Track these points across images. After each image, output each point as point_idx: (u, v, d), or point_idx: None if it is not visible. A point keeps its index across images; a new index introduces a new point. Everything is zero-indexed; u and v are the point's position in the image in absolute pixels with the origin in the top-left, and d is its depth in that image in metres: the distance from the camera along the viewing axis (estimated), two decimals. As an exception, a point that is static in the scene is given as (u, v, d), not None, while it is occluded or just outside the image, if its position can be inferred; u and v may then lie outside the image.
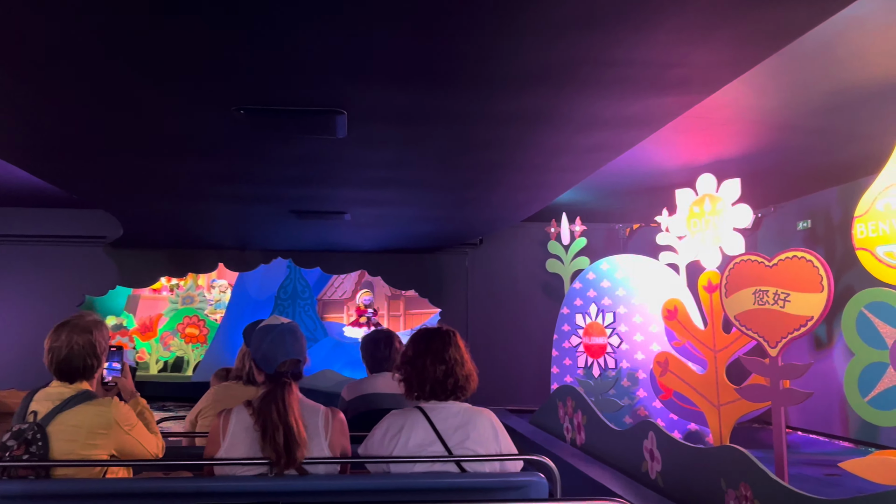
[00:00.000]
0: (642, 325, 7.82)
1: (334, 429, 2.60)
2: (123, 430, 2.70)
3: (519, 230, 10.22)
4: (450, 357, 2.72)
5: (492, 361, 10.01)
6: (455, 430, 2.58)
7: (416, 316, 14.76)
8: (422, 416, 2.59)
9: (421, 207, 6.65)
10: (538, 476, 2.60)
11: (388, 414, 2.71)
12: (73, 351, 2.71)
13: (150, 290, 19.72)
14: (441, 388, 2.65)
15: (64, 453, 2.59)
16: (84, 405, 2.66)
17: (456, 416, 2.62)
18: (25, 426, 2.59)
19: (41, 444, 2.56)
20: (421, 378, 2.66)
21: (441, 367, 2.66)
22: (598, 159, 4.72)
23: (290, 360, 2.56)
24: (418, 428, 2.59)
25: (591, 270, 8.47)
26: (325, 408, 2.65)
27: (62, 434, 2.60)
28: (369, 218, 7.17)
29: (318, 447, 2.53)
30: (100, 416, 2.66)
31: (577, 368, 8.37)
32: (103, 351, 2.82)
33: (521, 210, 6.95)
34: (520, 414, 9.55)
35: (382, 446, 2.61)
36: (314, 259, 10.11)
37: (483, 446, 2.59)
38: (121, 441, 2.70)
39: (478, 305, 10.18)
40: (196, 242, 9.63)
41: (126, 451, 2.73)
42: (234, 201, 6.27)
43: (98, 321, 2.87)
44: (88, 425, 2.63)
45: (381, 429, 2.66)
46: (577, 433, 6.83)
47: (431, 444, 2.56)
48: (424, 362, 2.67)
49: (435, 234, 8.53)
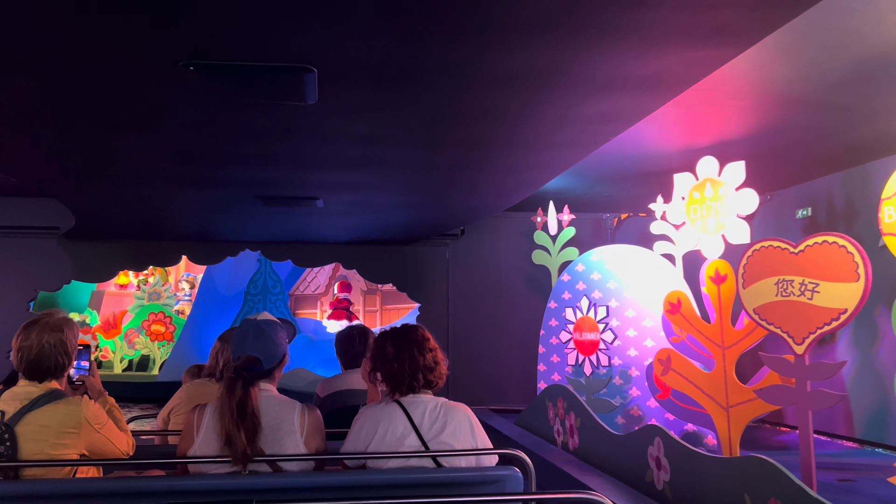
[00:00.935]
0: (635, 320, 7.34)
1: (310, 426, 2.60)
2: (94, 428, 2.67)
3: (502, 220, 9.70)
4: (431, 348, 2.79)
5: (474, 359, 9.52)
6: (432, 424, 2.61)
7: (393, 311, 14.19)
8: (399, 409, 2.63)
9: (400, 192, 6.09)
10: (513, 470, 2.60)
11: (365, 407, 2.74)
12: (44, 350, 2.66)
13: (115, 286, 19.04)
14: (418, 381, 2.69)
15: (33, 453, 2.56)
16: (53, 404, 2.62)
17: (433, 410, 2.65)
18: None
19: (9, 445, 2.51)
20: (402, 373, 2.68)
21: (422, 360, 2.72)
22: (604, 132, 4.18)
23: (245, 357, 2.56)
24: (395, 421, 2.62)
25: (581, 262, 7.97)
26: (301, 404, 2.65)
27: (31, 434, 2.56)
28: (343, 205, 6.59)
29: (294, 444, 2.54)
30: (69, 415, 2.63)
31: (567, 366, 7.87)
32: (73, 349, 2.78)
33: (509, 196, 6.41)
34: (504, 414, 9.04)
35: (360, 440, 2.65)
36: (285, 251, 9.49)
37: (459, 441, 2.62)
38: (91, 440, 2.67)
39: (459, 300, 9.64)
40: (157, 234, 8.97)
41: (97, 451, 2.71)
42: (191, 185, 5.66)
43: (68, 319, 2.82)
44: (58, 425, 2.60)
45: (359, 423, 2.70)
46: (570, 436, 6.32)
47: (408, 436, 2.60)
48: (412, 355, 2.72)
49: (414, 223, 7.96)
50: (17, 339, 2.69)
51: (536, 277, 9.59)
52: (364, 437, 2.64)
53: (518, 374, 9.48)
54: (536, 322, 9.39)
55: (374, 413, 2.68)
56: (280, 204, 6.36)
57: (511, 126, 4.00)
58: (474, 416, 2.75)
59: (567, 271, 8.08)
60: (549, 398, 6.91)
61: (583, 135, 4.18)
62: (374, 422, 2.65)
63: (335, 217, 7.41)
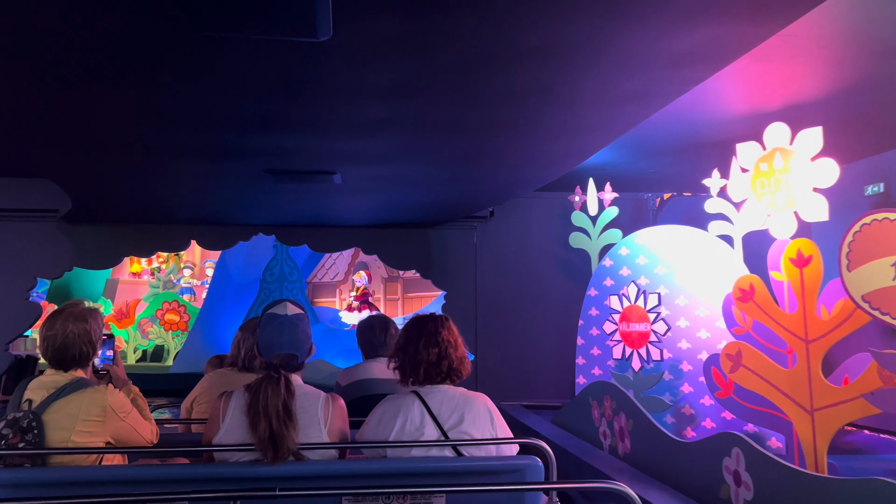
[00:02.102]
0: (687, 309, 6.58)
1: (334, 415, 2.62)
2: (119, 416, 2.71)
3: (534, 201, 8.96)
4: (443, 340, 2.71)
5: (504, 351, 8.82)
6: (451, 414, 2.60)
7: (415, 300, 13.51)
8: (417, 400, 2.62)
9: (426, 165, 5.36)
10: (534, 459, 2.56)
11: (384, 399, 2.73)
12: (69, 339, 2.71)
13: (129, 274, 18.60)
14: (436, 371, 2.66)
15: (59, 441, 2.60)
16: (79, 393, 2.66)
17: (451, 399, 2.64)
18: (20, 414, 2.58)
19: (37, 433, 2.55)
20: (415, 362, 2.69)
21: (434, 350, 2.66)
22: (686, 79, 3.40)
23: (283, 354, 2.58)
24: (414, 411, 2.62)
25: (625, 244, 7.22)
26: (325, 395, 2.67)
27: (58, 422, 2.61)
28: (363, 181, 5.88)
29: (318, 433, 2.56)
30: (95, 403, 2.67)
31: (609, 359, 7.14)
32: (98, 339, 2.81)
33: (551, 168, 5.65)
34: (538, 411, 8.34)
35: (378, 430, 2.64)
36: (301, 235, 8.80)
37: (478, 430, 2.61)
38: (116, 428, 2.71)
39: (488, 287, 8.92)
40: (164, 217, 8.32)
41: (121, 439, 2.74)
42: (188, 156, 4.98)
43: (93, 309, 2.86)
44: (83, 413, 2.64)
45: (377, 413, 2.70)
46: (619, 440, 5.60)
47: (427, 427, 2.58)
48: (418, 346, 2.70)
49: (440, 203, 7.24)
50: (43, 328, 2.73)
51: (572, 262, 8.85)
52: (383, 428, 2.64)
53: (553, 368, 8.77)
54: (573, 311, 8.67)
55: (392, 404, 2.68)
56: (293, 180, 5.66)
57: (569, 72, 3.24)
58: (494, 405, 2.72)
59: (609, 255, 7.34)
60: (594, 396, 6.19)
61: (657, 83, 3.41)
62: (393, 413, 2.65)
63: (354, 196, 6.71)
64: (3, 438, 2.56)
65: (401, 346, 2.78)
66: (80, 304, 2.88)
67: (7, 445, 2.54)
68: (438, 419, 2.61)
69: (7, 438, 2.56)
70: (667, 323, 6.31)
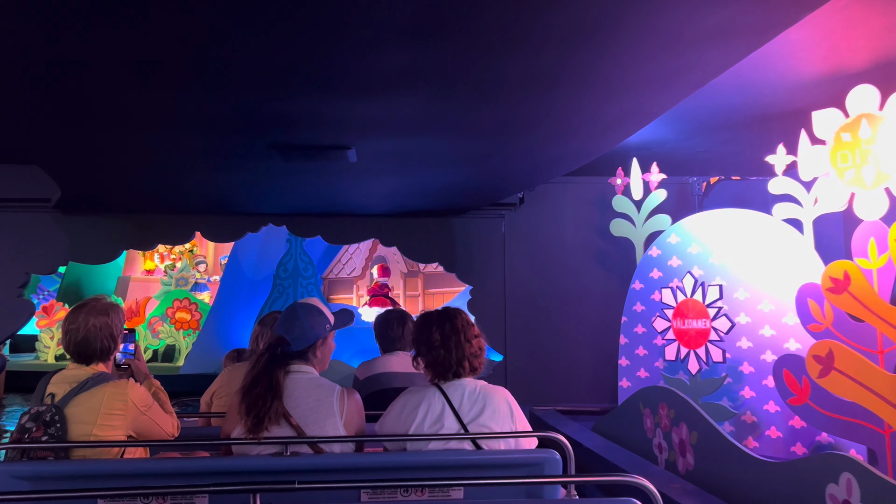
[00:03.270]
0: (748, 304, 5.79)
1: (349, 409, 2.67)
2: (140, 410, 2.74)
3: (568, 187, 8.20)
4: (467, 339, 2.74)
5: (537, 351, 8.06)
6: (471, 407, 2.64)
7: (437, 296, 12.77)
8: (438, 393, 2.66)
9: (452, 135, 4.63)
10: (552, 453, 2.57)
11: (406, 391, 2.76)
12: (90, 333, 2.74)
13: (142, 272, 18.05)
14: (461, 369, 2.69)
15: (82, 435, 2.63)
16: (101, 387, 2.69)
17: (472, 393, 2.68)
18: (43, 408, 2.62)
19: (59, 426, 2.59)
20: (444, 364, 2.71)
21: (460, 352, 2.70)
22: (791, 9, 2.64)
23: (275, 336, 2.70)
24: (435, 403, 2.65)
25: (674, 232, 6.43)
26: (340, 387, 2.71)
27: (80, 416, 2.64)
28: (380, 157, 5.15)
29: (333, 425, 2.61)
30: (117, 397, 2.70)
31: (658, 359, 6.37)
32: (119, 333, 2.84)
33: (605, 137, 4.86)
34: (575, 417, 7.57)
35: (399, 422, 2.66)
36: (314, 225, 8.10)
37: (498, 424, 2.63)
38: (138, 422, 2.75)
39: (518, 281, 8.16)
40: (165, 206, 7.65)
41: (143, 432, 2.78)
42: (185, 127, 4.28)
43: (114, 304, 2.88)
44: (106, 407, 2.67)
45: (398, 405, 2.72)
46: (680, 455, 4.84)
47: (447, 419, 2.61)
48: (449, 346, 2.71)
49: (466, 186, 6.49)
50: (66, 322, 2.77)
51: (610, 253, 8.07)
52: (404, 420, 2.65)
53: (590, 370, 8.00)
54: (612, 307, 7.90)
55: (414, 396, 2.70)
56: (302, 157, 4.95)
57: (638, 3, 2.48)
58: (513, 399, 2.74)
59: (656, 244, 6.56)
60: (646, 403, 5.42)
61: (747, 16, 2.63)
62: (414, 405, 2.66)
63: (371, 179, 5.99)
64: (27, 432, 2.60)
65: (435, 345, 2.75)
66: (103, 299, 2.89)
67: (30, 439, 2.58)
68: (459, 412, 2.63)
69: (30, 432, 2.59)
70: (730, 319, 5.53)
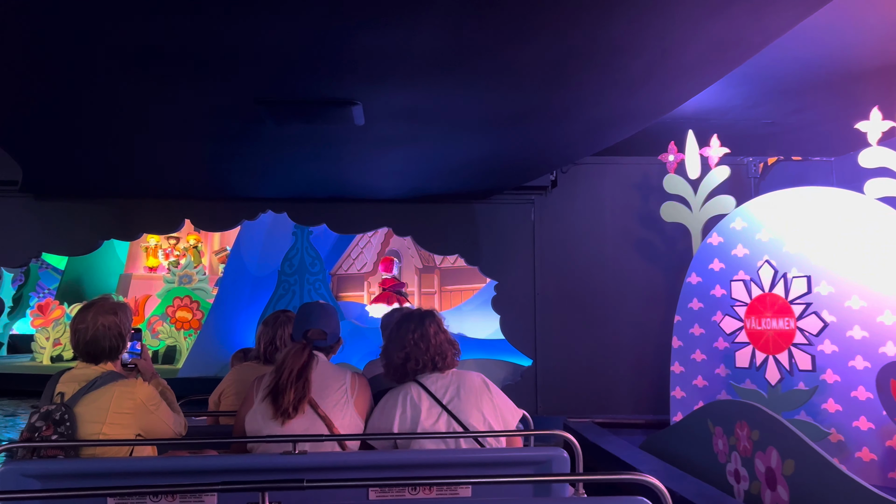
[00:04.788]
0: (832, 300, 4.81)
1: (360, 389, 2.80)
2: (149, 409, 2.76)
3: (607, 168, 7.23)
4: (408, 342, 2.80)
5: (570, 354, 7.08)
6: (446, 389, 2.72)
7: (454, 293, 11.79)
8: (414, 384, 2.75)
9: (481, 83, 3.66)
10: (560, 451, 2.54)
11: (387, 393, 2.83)
12: (99, 332, 2.76)
13: (145, 269, 17.29)
14: (403, 372, 2.79)
15: (91, 433, 2.65)
16: (109, 386, 2.71)
17: (444, 377, 2.77)
18: (53, 407, 2.65)
19: (69, 425, 2.62)
20: (387, 365, 2.88)
21: (400, 354, 2.79)
22: None
23: (313, 329, 2.79)
24: (412, 393, 2.73)
25: (739, 216, 5.45)
26: (351, 372, 2.84)
27: (89, 414, 2.66)
28: (392, 118, 4.21)
29: (345, 401, 2.73)
30: (125, 396, 2.71)
31: (718, 365, 5.40)
32: (127, 332, 2.87)
33: (671, 93, 3.89)
34: (616, 430, 6.59)
35: (382, 419, 2.73)
36: (318, 212, 7.16)
37: (475, 398, 2.70)
38: (146, 421, 2.76)
39: (549, 275, 7.19)
40: (150, 189, 6.75)
41: (152, 431, 2.79)
42: (135, 64, 3.34)
43: (122, 304, 2.92)
44: (115, 405, 2.69)
45: (380, 404, 2.79)
46: (767, 487, 3.86)
47: (424, 402, 2.69)
48: (391, 349, 2.85)
49: (492, 161, 5.53)
50: (74, 321, 2.79)
51: (654, 243, 7.09)
52: (387, 415, 2.72)
53: (632, 377, 7.03)
54: (656, 304, 6.97)
55: (392, 393, 2.78)
56: (296, 116, 4.01)
57: None
58: (489, 380, 2.80)
59: (717, 231, 5.58)
60: (717, 420, 4.44)
61: None
62: (394, 401, 2.73)
63: (381, 151, 5.05)
64: (37, 430, 2.61)
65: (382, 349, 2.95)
66: (110, 298, 2.92)
67: (40, 437, 2.59)
68: (435, 395, 2.71)
69: (40, 430, 2.61)
70: (821, 318, 4.53)
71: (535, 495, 2.59)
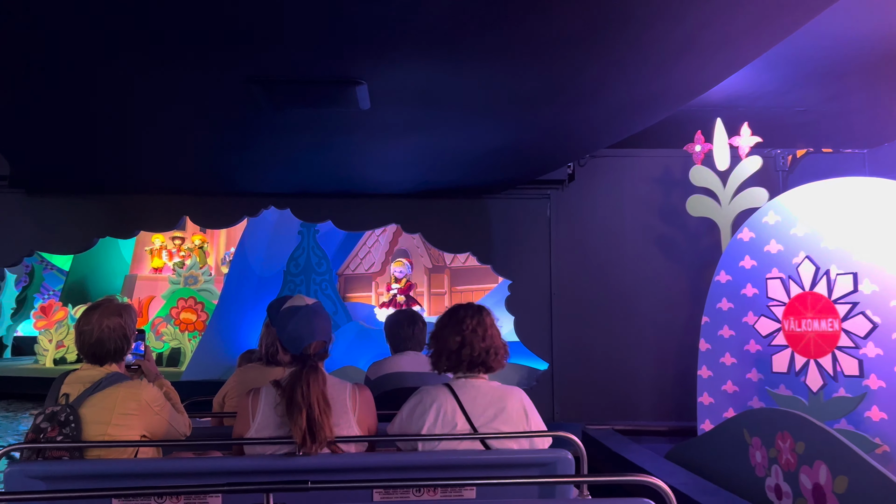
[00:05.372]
0: (877, 299, 4.43)
1: (361, 405, 2.65)
2: (154, 410, 2.76)
3: (626, 160, 6.87)
4: (466, 328, 2.68)
5: (588, 357, 6.72)
6: (483, 410, 2.57)
7: (465, 294, 11.42)
8: (450, 395, 2.61)
9: (504, 55, 3.31)
10: (564, 453, 2.56)
11: (417, 391, 2.72)
12: (104, 334, 2.76)
13: (150, 270, 17.07)
14: (457, 359, 2.66)
15: (96, 435, 2.65)
16: (114, 387, 2.71)
17: (484, 395, 2.61)
18: (58, 408, 2.64)
19: (74, 426, 2.61)
20: (439, 349, 2.71)
21: (456, 339, 2.66)
22: None
23: (315, 342, 2.60)
24: (447, 406, 2.59)
25: (773, 209, 5.07)
26: (351, 384, 2.69)
27: (94, 416, 2.65)
28: (401, 101, 3.87)
29: (347, 424, 2.59)
30: (130, 397, 2.71)
31: (749, 370, 5.03)
32: (132, 334, 2.86)
33: (712, 68, 3.52)
34: (638, 437, 6.24)
35: (411, 423, 2.63)
36: (323, 208, 6.82)
37: (511, 427, 2.58)
38: (151, 422, 2.76)
39: (565, 274, 6.83)
40: (146, 185, 6.43)
41: (156, 432, 2.79)
42: (117, 41, 3.01)
43: (127, 305, 2.91)
44: (120, 407, 2.68)
45: (410, 405, 2.68)
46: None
47: (459, 422, 2.56)
48: (443, 333, 2.71)
49: (509, 151, 5.17)
50: (79, 323, 2.79)
51: (677, 240, 6.73)
52: (416, 421, 2.61)
53: (653, 381, 6.66)
54: (679, 304, 6.61)
55: (426, 397, 2.64)
56: (296, 98, 3.68)
57: None
58: (529, 400, 2.68)
59: (748, 226, 5.21)
60: (755, 429, 4.07)
61: None
62: (426, 406, 2.61)
63: (389, 140, 4.72)
64: (42, 432, 2.59)
65: (433, 334, 2.78)
66: (114, 299, 2.92)
67: (45, 439, 2.58)
68: (470, 416, 2.56)
69: (45, 432, 2.59)
70: (869, 319, 4.16)
71: (539, 497, 2.57)
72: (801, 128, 5.95)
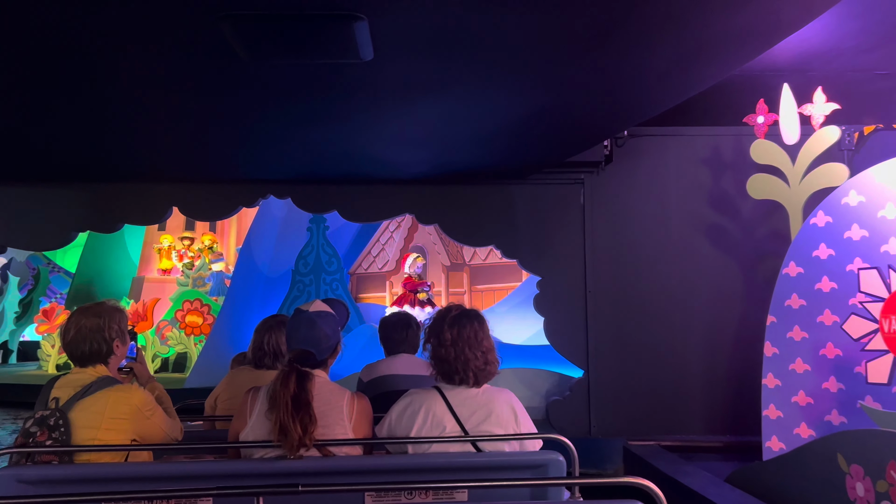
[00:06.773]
0: None
1: (359, 413, 2.62)
2: (145, 414, 2.73)
3: (670, 140, 6.08)
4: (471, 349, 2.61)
5: (629, 364, 5.92)
6: (472, 413, 2.55)
7: (486, 293, 10.64)
8: (440, 397, 2.60)
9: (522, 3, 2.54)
10: (556, 455, 2.54)
11: (408, 393, 2.71)
12: (81, 334, 2.72)
13: (158, 272, 16.50)
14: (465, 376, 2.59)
15: (86, 439, 2.64)
16: (105, 391, 2.68)
17: (473, 398, 2.59)
18: (48, 412, 2.63)
19: (63, 430, 2.60)
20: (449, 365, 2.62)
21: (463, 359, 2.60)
22: None
23: (297, 350, 2.60)
24: (436, 409, 2.58)
25: (854, 188, 4.26)
26: (351, 392, 2.67)
27: (84, 420, 2.63)
28: (410, 50, 3.11)
29: (342, 430, 2.58)
30: (121, 401, 2.69)
31: (826, 378, 4.22)
32: (117, 335, 2.79)
33: (758, 30, 2.74)
34: (687, 454, 5.45)
35: (400, 425, 2.63)
36: (327, 197, 6.08)
37: (502, 429, 2.57)
38: (142, 426, 2.73)
39: (603, 269, 6.04)
40: (127, 170, 5.73)
41: (147, 436, 2.78)
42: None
43: (111, 307, 2.86)
44: (110, 411, 2.66)
45: (399, 407, 2.67)
46: (950, 561, 2.68)
47: (448, 424, 2.56)
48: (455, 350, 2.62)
49: (542, 120, 4.40)
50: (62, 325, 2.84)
51: (728, 230, 5.92)
52: (405, 424, 2.60)
53: (705, 389, 5.85)
54: (732, 302, 5.85)
55: (415, 400, 2.63)
56: (275, 44, 2.93)
57: None
58: (518, 402, 2.66)
59: (823, 208, 4.40)
60: (853, 455, 3.27)
61: None
62: (415, 409, 2.60)
63: (398, 107, 3.96)
64: (31, 436, 2.57)
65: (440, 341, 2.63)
66: (105, 302, 2.85)
67: (35, 443, 2.55)
68: (460, 417, 2.53)
69: (35, 436, 2.57)
70: None
71: (531, 499, 2.54)
72: (877, 97, 5.11)
